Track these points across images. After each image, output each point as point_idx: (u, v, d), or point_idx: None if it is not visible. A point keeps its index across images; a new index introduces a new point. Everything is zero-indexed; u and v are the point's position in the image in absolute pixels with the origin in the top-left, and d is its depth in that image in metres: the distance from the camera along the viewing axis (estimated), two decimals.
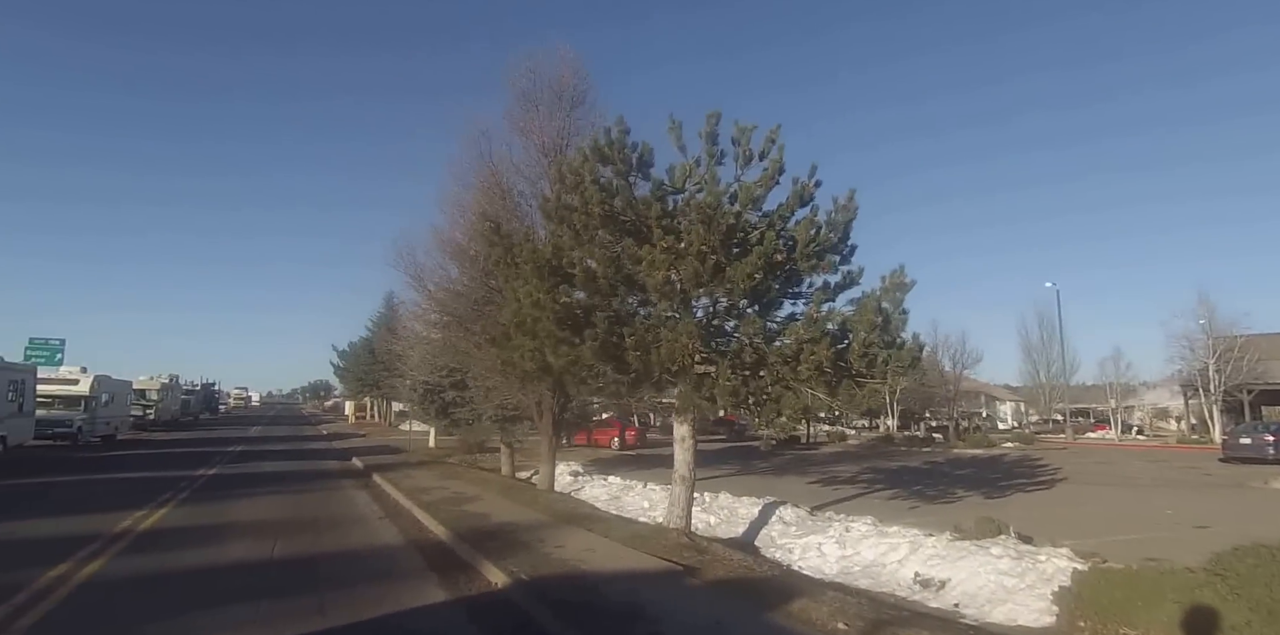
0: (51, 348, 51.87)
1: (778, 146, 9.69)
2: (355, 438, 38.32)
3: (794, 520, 11.70)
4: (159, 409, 53.15)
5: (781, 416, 8.60)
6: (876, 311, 8.56)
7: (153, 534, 10.17)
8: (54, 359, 50.21)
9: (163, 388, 56.16)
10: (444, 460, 24.20)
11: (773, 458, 27.49)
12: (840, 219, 9.18)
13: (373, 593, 7.14)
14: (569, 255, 9.08)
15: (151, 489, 15.21)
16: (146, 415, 50.22)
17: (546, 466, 15.81)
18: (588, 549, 8.72)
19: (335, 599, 6.83)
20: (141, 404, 50.35)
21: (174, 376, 62.92)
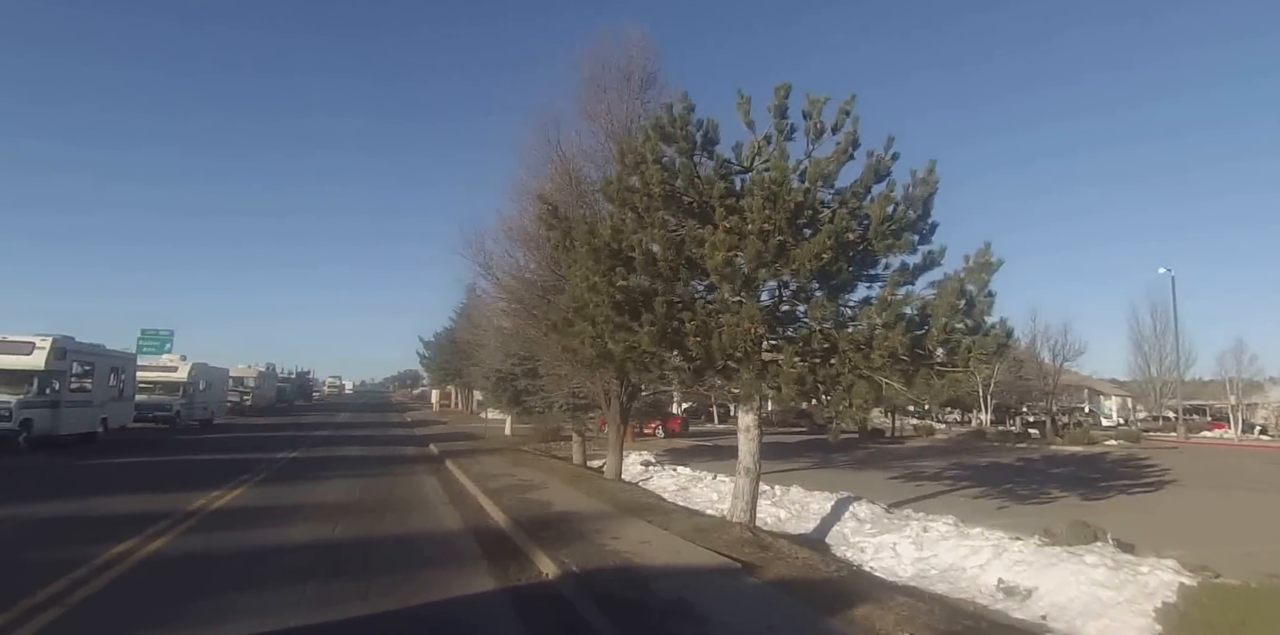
0: (161, 338, 55.19)
1: (852, 118, 9.08)
2: (437, 425, 39.16)
3: (868, 517, 11.05)
4: (255, 395, 55.76)
5: (851, 406, 8.00)
6: (958, 293, 7.86)
7: (222, 514, 10.37)
8: (163, 348, 53.31)
9: (259, 375, 58.97)
10: (518, 448, 24.32)
11: (854, 451, 26.55)
12: (919, 194, 8.49)
13: (421, 578, 7.00)
14: (629, 238, 8.70)
15: (232, 471, 15.70)
16: (244, 401, 52.77)
17: (614, 455, 15.56)
18: (644, 541, 8.37)
19: (383, 584, 6.72)
20: (239, 390, 52.99)
21: (270, 365, 66.16)
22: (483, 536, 9.24)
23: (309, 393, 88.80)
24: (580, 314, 8.72)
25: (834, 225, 7.92)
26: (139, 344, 52.13)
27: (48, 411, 20.45)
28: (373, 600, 6.21)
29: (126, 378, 26.55)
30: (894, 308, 7.62)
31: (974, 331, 8.37)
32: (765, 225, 7.39)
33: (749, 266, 7.62)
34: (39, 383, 20.24)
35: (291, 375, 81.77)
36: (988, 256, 8.09)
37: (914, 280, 9.17)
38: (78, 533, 8.65)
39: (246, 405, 52.78)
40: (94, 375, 23.27)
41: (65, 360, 21.24)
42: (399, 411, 62.52)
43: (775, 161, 8.13)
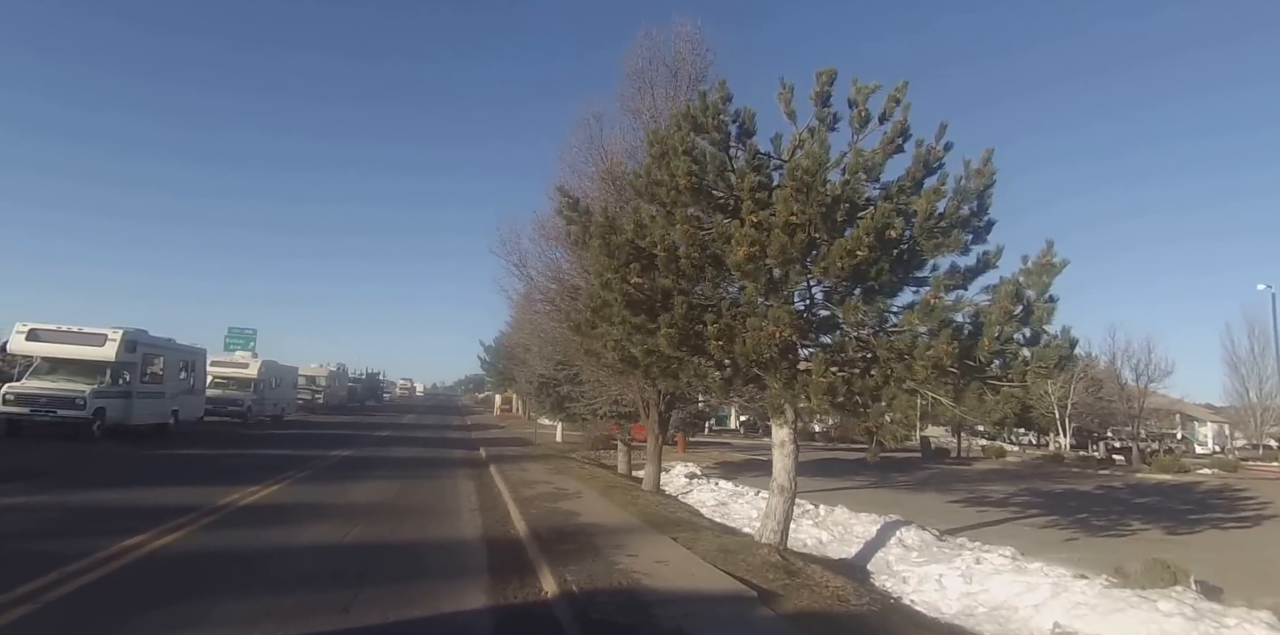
0: (245, 336, 57.38)
1: (902, 107, 8.34)
2: (494, 429, 39.28)
3: (916, 544, 10.16)
4: (326, 394, 57.23)
5: (891, 422, 7.25)
6: (1014, 298, 7.03)
7: (248, 510, 10.26)
8: (247, 346, 55.40)
9: (330, 375, 60.51)
10: (566, 455, 23.96)
11: (915, 471, 25.24)
12: (973, 187, 7.68)
13: (414, 591, 6.59)
14: (653, 234, 8.16)
15: (281, 466, 15.80)
16: (315, 399, 54.24)
17: (651, 466, 14.98)
18: (661, 561, 7.77)
19: (371, 595, 6.33)
20: (310, 389, 54.50)
21: (341, 365, 67.78)
22: (496, 547, 8.80)
23: (379, 393, 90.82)
24: (600, 314, 8.22)
25: (873, 220, 7.19)
26: (226, 341, 54.36)
27: (120, 402, 21.16)
28: (352, 614, 5.81)
29: (197, 372, 27.40)
30: (937, 313, 6.85)
31: (1033, 342, 7.51)
32: (791, 218, 6.72)
33: (774, 263, 6.97)
34: (111, 374, 20.99)
35: (363, 376, 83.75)
36: (1049, 257, 7.23)
37: (966, 284, 8.37)
38: (99, 523, 8.61)
39: (318, 403, 54.23)
40: (165, 368, 24.00)
41: (136, 353, 21.94)
42: (461, 415, 63.24)
43: (809, 149, 7.47)
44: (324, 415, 48.45)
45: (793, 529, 11.72)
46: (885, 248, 7.61)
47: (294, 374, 45.39)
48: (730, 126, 8.72)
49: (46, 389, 19.42)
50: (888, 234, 7.42)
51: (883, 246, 7.55)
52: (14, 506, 9.36)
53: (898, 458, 31.72)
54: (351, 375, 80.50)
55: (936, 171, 8.01)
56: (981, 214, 8.03)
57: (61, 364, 20.70)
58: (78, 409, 19.28)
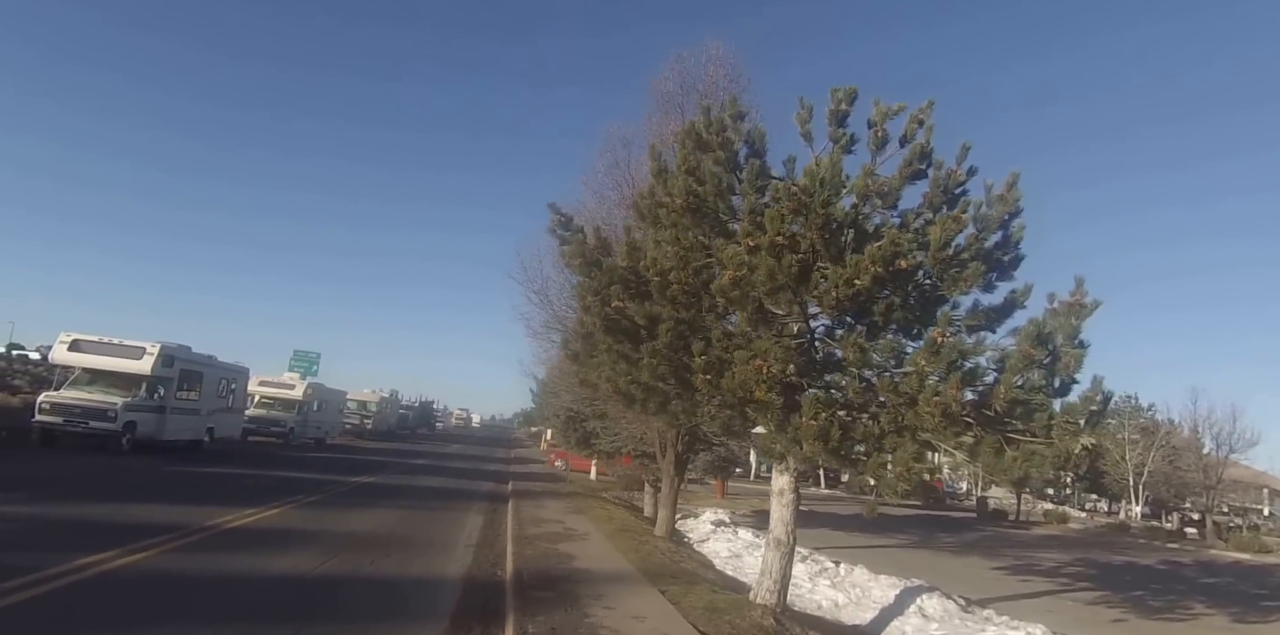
0: (310, 359, 58.64)
1: (925, 129, 7.71)
2: (532, 463, 38.78)
3: (938, 614, 9.15)
4: (376, 420, 57.41)
5: (891, 474, 6.46)
6: (1035, 341, 6.23)
7: (232, 533, 9.95)
8: (311, 369, 56.63)
9: (381, 401, 60.87)
10: (596, 494, 23.26)
11: (965, 533, 23.62)
12: (995, 214, 6.96)
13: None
14: (647, 257, 7.65)
15: (295, 489, 15.57)
16: (364, 424, 54.49)
17: (665, 511, 14.18)
18: (638, 616, 7.08)
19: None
20: (360, 414, 54.85)
21: (394, 391, 68.30)
22: (473, 590, 8.24)
23: (431, 422, 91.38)
24: (588, 341, 7.71)
25: (882, 249, 6.54)
26: (291, 363, 55.57)
27: (152, 416, 21.36)
28: None
29: (237, 390, 27.66)
30: (945, 354, 6.09)
31: (1062, 393, 6.67)
32: (778, 239, 6.12)
33: (761, 290, 6.35)
34: (147, 387, 21.23)
35: (415, 404, 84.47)
36: (1079, 296, 6.43)
37: (993, 326, 7.60)
38: (70, 538, 8.34)
39: (367, 429, 54.49)
40: (202, 385, 24.22)
41: (173, 367, 22.17)
42: (507, 447, 62.93)
43: (807, 167, 6.89)
44: (370, 441, 48.59)
45: (808, 589, 10.87)
46: (897, 280, 6.94)
47: (341, 397, 45.82)
48: (739, 146, 8.22)
49: (80, 400, 19.67)
50: (898, 264, 6.74)
51: (894, 278, 6.88)
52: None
53: (953, 517, 30.04)
54: (405, 402, 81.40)
55: (959, 198, 7.32)
56: (1008, 247, 7.29)
57: (100, 375, 21.00)
58: (108, 421, 19.47)
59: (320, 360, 59.69)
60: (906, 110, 7.83)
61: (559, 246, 7.81)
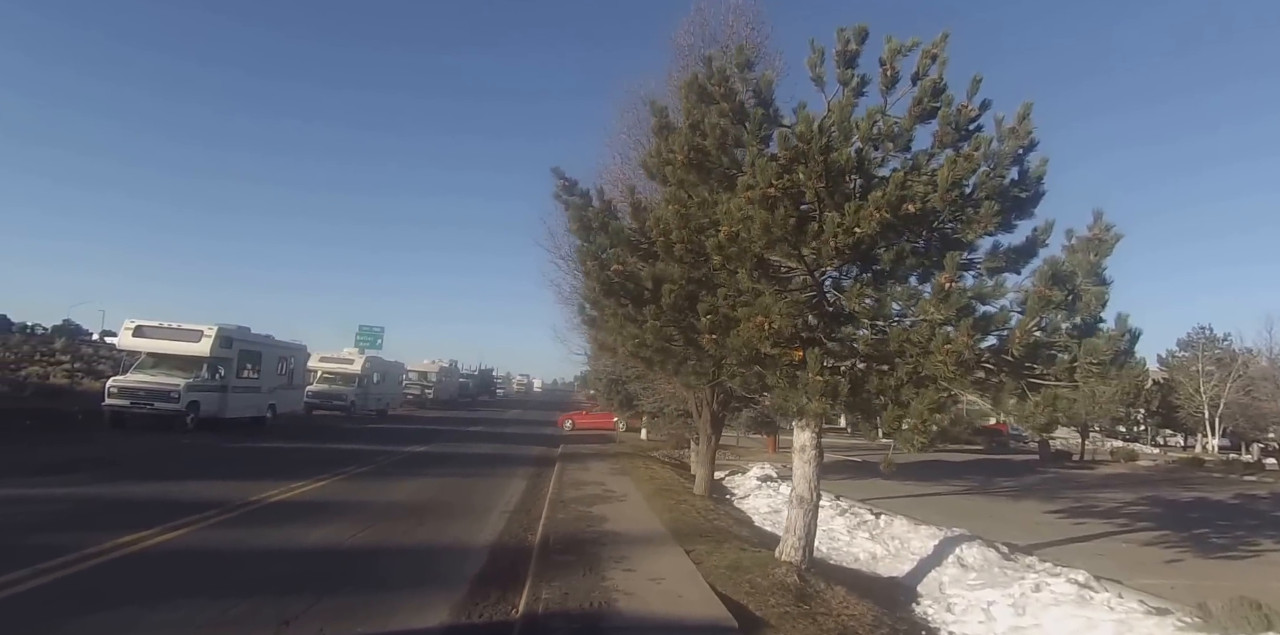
0: (373, 333, 60.15)
1: (939, 63, 7.21)
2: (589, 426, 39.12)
3: (976, 563, 8.93)
4: (437, 389, 58.91)
5: (906, 426, 6.21)
6: (1053, 280, 5.84)
7: (273, 507, 10.25)
8: (375, 343, 58.14)
9: (440, 371, 62.29)
10: (646, 454, 23.40)
11: (1024, 476, 23.06)
12: (1007, 149, 6.49)
13: (374, 603, 6.20)
14: (652, 216, 7.42)
15: (346, 461, 16.06)
16: (425, 394, 55.99)
17: (703, 469, 14.14)
18: (656, 578, 7.05)
19: (325, 607, 5.98)
20: (420, 384, 56.35)
21: (453, 361, 69.81)
22: (499, 555, 8.34)
23: (492, 389, 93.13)
24: (596, 305, 7.57)
25: (888, 193, 6.19)
26: (357, 339, 57.18)
27: (214, 395, 22.22)
28: (291, 628, 5.47)
29: (296, 367, 28.55)
30: (954, 299, 5.76)
31: (1088, 333, 6.30)
32: (770, 190, 5.81)
33: (758, 244, 6.07)
34: (207, 368, 22.06)
35: (475, 372, 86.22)
36: (1099, 230, 5.99)
37: (1017, 267, 7.20)
38: (115, 516, 8.67)
39: (428, 398, 55.98)
40: (261, 363, 25.05)
41: (231, 348, 22.98)
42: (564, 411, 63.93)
43: (803, 113, 6.50)
44: (432, 410, 49.82)
45: (846, 542, 10.74)
46: (908, 225, 6.60)
47: (400, 369, 47.01)
48: (746, 96, 7.85)
49: (144, 382, 20.57)
50: (905, 209, 6.39)
51: (904, 224, 6.54)
52: (45, 497, 9.68)
53: (1014, 461, 29.39)
54: (466, 371, 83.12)
55: (972, 135, 6.85)
56: (1025, 183, 6.83)
57: (163, 359, 21.89)
58: (172, 402, 20.33)
59: (384, 334, 61.24)
60: (920, 46, 7.34)
61: (567, 211, 7.60)
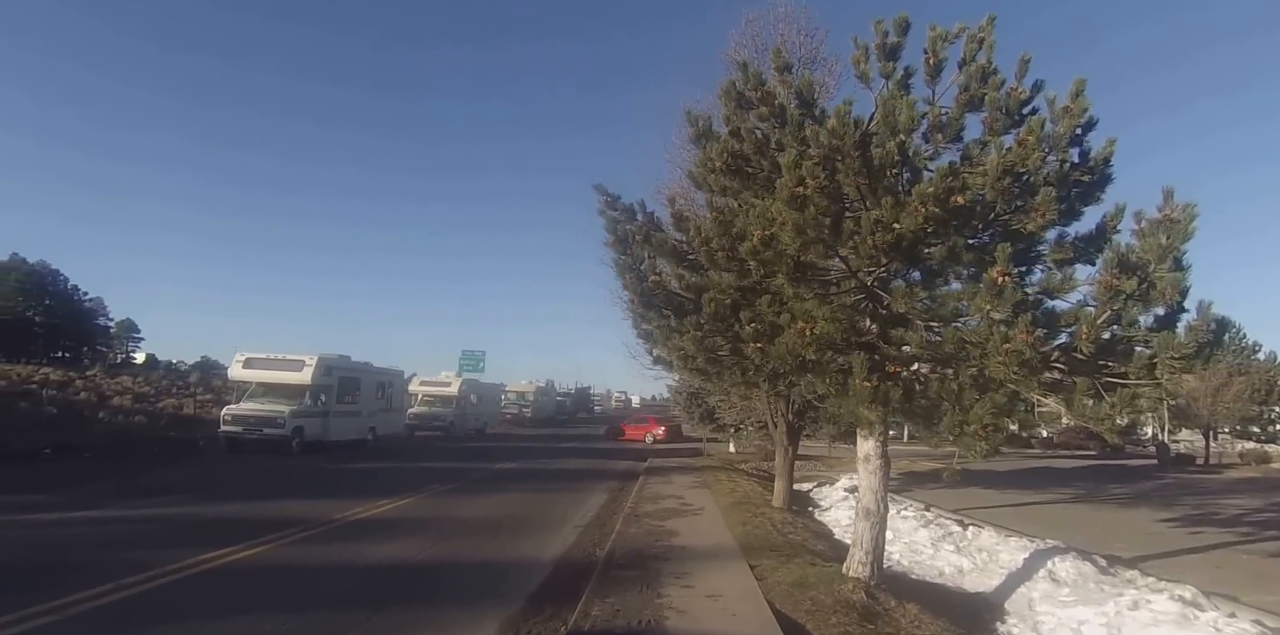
0: (476, 357, 62.19)
1: (985, 48, 6.86)
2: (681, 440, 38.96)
3: (1070, 578, 8.27)
4: (534, 408, 60.14)
5: (966, 433, 5.81)
6: (1120, 268, 5.37)
7: (353, 525, 10.58)
8: (478, 366, 60.13)
9: (537, 390, 63.64)
10: (733, 466, 23.05)
11: (1140, 482, 21.37)
12: (1061, 131, 6.04)
13: (427, 619, 6.33)
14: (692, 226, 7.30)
15: (435, 479, 16.50)
16: (523, 413, 57.23)
17: (781, 480, 13.75)
18: (714, 595, 6.86)
19: (378, 623, 6.16)
20: (518, 404, 57.67)
21: (549, 381, 71.21)
22: (562, 571, 8.33)
23: (590, 406, 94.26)
24: (640, 316, 7.50)
25: (934, 186, 5.88)
26: (460, 363, 59.28)
27: (317, 420, 23.36)
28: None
29: (394, 391, 29.68)
30: (1009, 295, 5.37)
31: (1167, 324, 5.78)
32: (799, 190, 5.57)
33: (792, 247, 5.84)
34: (310, 395, 23.23)
35: (572, 390, 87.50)
36: (1170, 211, 5.47)
37: (1087, 257, 6.69)
38: (202, 534, 9.10)
39: (526, 417, 57.18)
40: (360, 389, 26.20)
41: (331, 376, 24.15)
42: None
43: (837, 108, 6.24)
44: (529, 428, 50.83)
45: (929, 555, 10.22)
46: (958, 218, 6.24)
47: (496, 390, 48.33)
48: (787, 99, 7.65)
49: (254, 410, 21.87)
50: (954, 201, 6.05)
51: (954, 217, 6.19)
52: (147, 517, 10.30)
53: (1129, 466, 27.40)
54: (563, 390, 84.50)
55: (1024, 120, 6.43)
56: (1088, 166, 6.34)
57: (270, 388, 23.21)
58: (278, 427, 21.51)
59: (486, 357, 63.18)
60: (965, 33, 7.00)
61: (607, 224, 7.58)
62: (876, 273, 6.29)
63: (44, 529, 9.23)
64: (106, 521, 9.90)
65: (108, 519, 10.07)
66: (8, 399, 23.08)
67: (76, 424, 22.48)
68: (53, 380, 28.46)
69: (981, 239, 6.76)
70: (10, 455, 16.88)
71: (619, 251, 7.25)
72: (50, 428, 21.04)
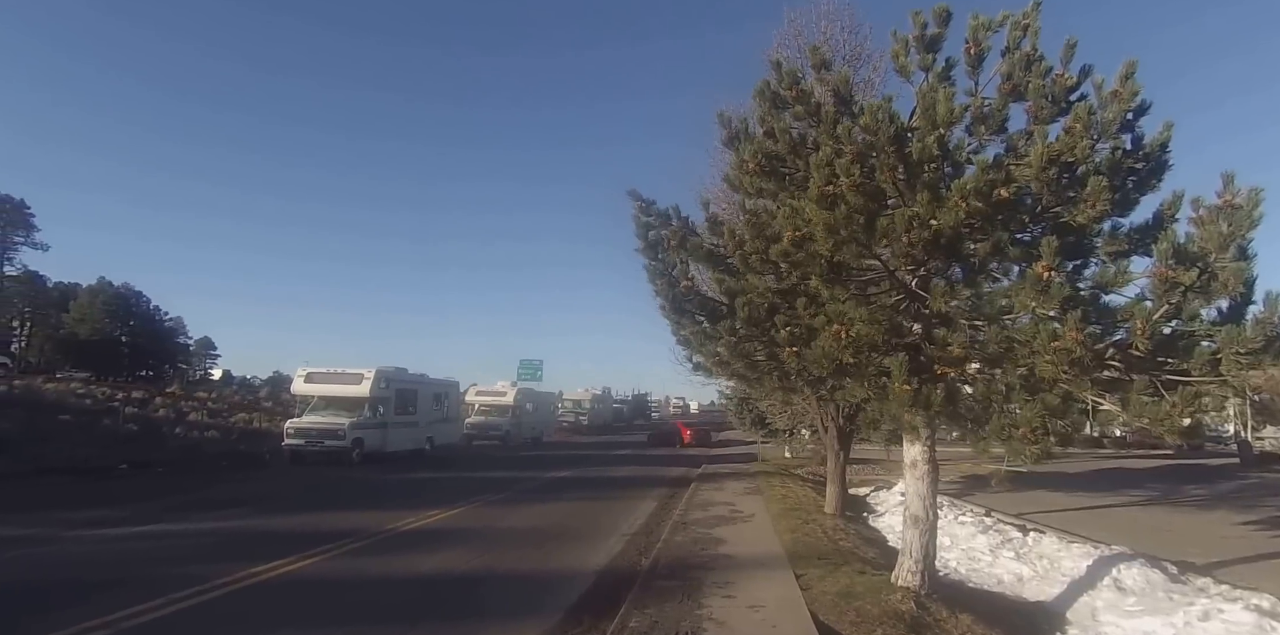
0: (533, 366, 63.19)
1: (1030, 34, 6.58)
2: (736, 445, 38.60)
3: (1138, 586, 7.80)
4: (591, 415, 60.56)
5: (1014, 437, 5.52)
6: (1176, 259, 5.03)
7: (402, 535, 10.68)
8: (535, 375, 61.03)
9: (594, 398, 64.07)
10: (788, 471, 22.63)
11: (1220, 483, 20.19)
12: (1111, 115, 5.70)
13: (465, 631, 6.32)
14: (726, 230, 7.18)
15: (487, 488, 16.66)
16: (580, 421, 57.64)
17: (833, 486, 13.40)
18: (755, 606, 6.68)
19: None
20: (575, 412, 58.13)
21: (606, 388, 71.66)
22: (604, 581, 8.24)
23: (647, 413, 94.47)
24: (674, 322, 7.38)
25: (977, 179, 5.66)
26: (519, 372, 60.25)
27: (376, 432, 23.83)
28: None
29: (450, 402, 30.11)
30: (1055, 291, 5.08)
31: (1233, 317, 5.42)
32: (828, 189, 5.39)
33: (824, 247, 5.65)
34: (368, 407, 23.73)
35: (629, 397, 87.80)
36: (1230, 197, 5.11)
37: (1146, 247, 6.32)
38: (255, 547, 9.26)
39: (583, 425, 57.56)
40: (417, 400, 26.65)
41: (389, 388, 24.63)
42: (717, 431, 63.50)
43: (869, 104, 6.04)
44: (586, 436, 51.04)
45: (988, 562, 9.84)
46: (1003, 212, 5.99)
47: (551, 399, 48.70)
48: (823, 97, 7.48)
49: (316, 423, 22.46)
50: (998, 194, 5.80)
51: (998, 211, 5.95)
52: (205, 530, 10.56)
53: (1209, 465, 26.00)
54: (620, 397, 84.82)
55: (1071, 107, 6.12)
56: (1143, 152, 6.00)
57: (331, 401, 23.80)
58: (339, 439, 22.02)
59: (543, 366, 64.06)
60: (1009, 20, 6.74)
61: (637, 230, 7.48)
62: (917, 271, 6.06)
63: (106, 543, 9.53)
64: (167, 535, 10.18)
65: (168, 533, 10.36)
66: (91, 417, 24.15)
67: (154, 440, 23.40)
68: (134, 398, 29.69)
69: (1032, 233, 6.47)
70: (89, 471, 17.62)
71: (649, 257, 7.15)
72: (129, 444, 21.96)
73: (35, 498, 13.61)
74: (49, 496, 13.84)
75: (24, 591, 7.09)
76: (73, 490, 14.90)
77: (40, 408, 23.46)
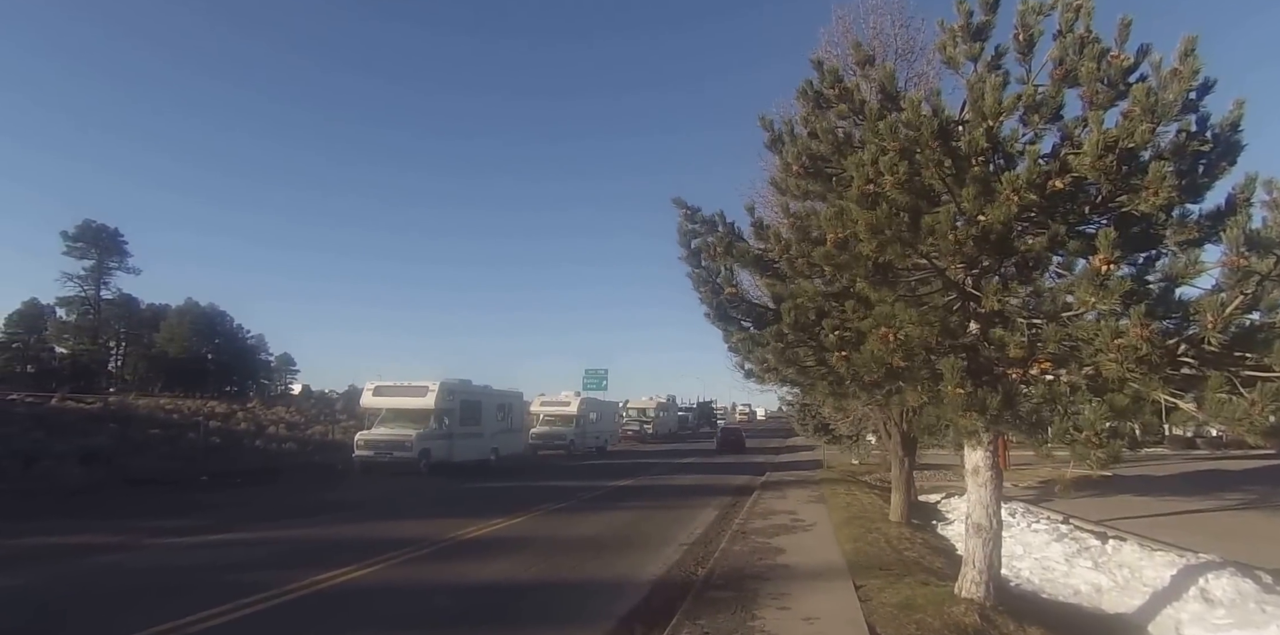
0: (599, 375, 63.56)
1: (1084, 15, 6.27)
2: (802, 451, 37.93)
3: (1226, 597, 7.28)
4: (656, 424, 60.45)
5: (1079, 440, 5.21)
6: (1249, 246, 4.68)
7: (463, 544, 10.79)
8: (601, 384, 61.42)
9: (658, 406, 63.92)
10: (854, 478, 22.16)
11: None
12: (1170, 96, 5.35)
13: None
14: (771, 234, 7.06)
15: (550, 497, 16.72)
16: (645, 429, 57.57)
17: (897, 494, 12.98)
18: (810, 618, 6.49)
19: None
20: (639, 420, 58.11)
21: (670, 396, 71.39)
22: (659, 591, 8.15)
23: (712, 420, 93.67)
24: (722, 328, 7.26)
25: (1030, 171, 5.43)
26: (584, 381, 60.73)
27: (442, 442, 24.23)
28: None
29: (515, 412, 30.45)
30: (1115, 286, 4.79)
31: None
32: (867, 187, 5.21)
33: (868, 247, 5.45)
34: (434, 419, 24.17)
35: (694, 405, 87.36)
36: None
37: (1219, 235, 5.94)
38: (323, 555, 9.47)
39: (648, 433, 57.47)
40: (481, 411, 27.02)
41: (453, 400, 25.04)
42: (783, 438, 62.63)
43: (909, 97, 5.83)
44: (650, 444, 50.97)
45: (1064, 572, 9.39)
46: (1060, 204, 5.73)
47: (614, 408, 48.78)
48: (868, 95, 7.30)
49: (384, 435, 23.00)
50: (1052, 186, 5.55)
51: (1054, 203, 5.70)
52: (275, 539, 10.88)
53: None
54: (685, 405, 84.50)
55: (1128, 89, 5.80)
56: (1209, 134, 5.64)
57: (399, 413, 24.33)
58: (407, 450, 22.49)
59: (609, 375, 64.48)
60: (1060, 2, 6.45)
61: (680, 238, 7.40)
62: (970, 270, 5.82)
63: (183, 551, 9.91)
64: (239, 543, 10.53)
65: (241, 541, 10.71)
66: (177, 431, 25.27)
67: (234, 452, 24.35)
68: (217, 413, 30.97)
69: (1098, 224, 6.13)
70: (172, 482, 18.43)
71: (693, 264, 7.06)
72: (211, 456, 22.91)
73: (122, 507, 14.28)
74: (135, 506, 14.49)
75: (104, 595, 7.42)
76: (156, 500, 15.57)
77: (132, 422, 24.69)
